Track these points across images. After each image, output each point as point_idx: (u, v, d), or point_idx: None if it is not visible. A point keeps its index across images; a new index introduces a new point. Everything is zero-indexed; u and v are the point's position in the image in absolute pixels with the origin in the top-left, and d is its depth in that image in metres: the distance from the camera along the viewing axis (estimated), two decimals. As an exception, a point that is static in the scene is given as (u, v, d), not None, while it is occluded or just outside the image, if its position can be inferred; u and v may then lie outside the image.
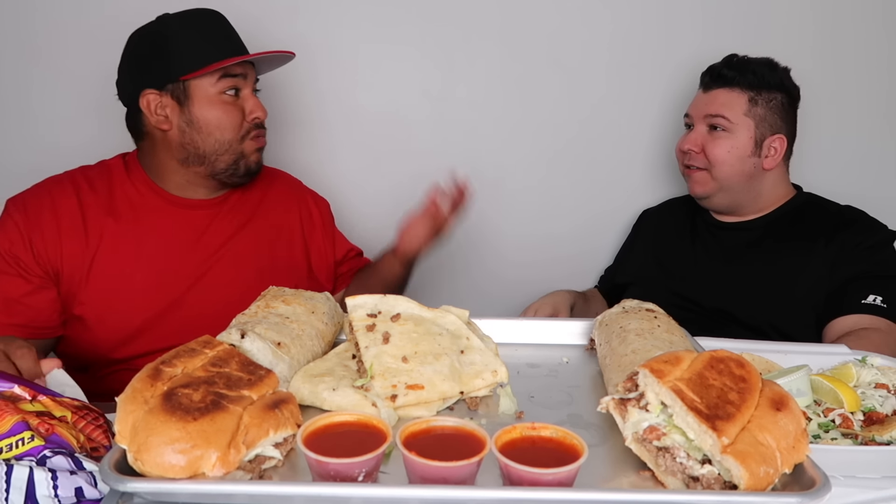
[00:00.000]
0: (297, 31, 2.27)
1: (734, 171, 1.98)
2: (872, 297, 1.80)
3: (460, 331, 1.24)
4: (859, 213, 2.00)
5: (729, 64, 2.02)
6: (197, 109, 1.68)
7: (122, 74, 1.74)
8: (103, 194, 1.72)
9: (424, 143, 2.41)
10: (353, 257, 2.05)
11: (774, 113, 1.99)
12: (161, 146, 1.73)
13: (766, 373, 1.27)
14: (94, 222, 1.68)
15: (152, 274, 1.69)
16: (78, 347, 1.71)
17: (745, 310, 1.95)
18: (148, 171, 1.77)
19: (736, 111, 1.98)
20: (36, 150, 2.27)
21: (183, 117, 1.68)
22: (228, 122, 1.70)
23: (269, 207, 1.89)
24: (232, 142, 1.71)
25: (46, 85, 2.25)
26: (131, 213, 1.72)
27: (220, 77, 1.68)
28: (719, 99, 2.00)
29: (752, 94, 1.98)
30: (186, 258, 1.73)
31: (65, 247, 1.65)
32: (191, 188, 1.77)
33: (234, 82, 1.70)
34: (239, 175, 1.76)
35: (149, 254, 1.70)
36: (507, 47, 2.36)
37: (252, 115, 1.73)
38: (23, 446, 1.00)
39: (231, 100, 1.70)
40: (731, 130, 1.98)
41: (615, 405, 1.00)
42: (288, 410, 0.98)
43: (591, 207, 2.47)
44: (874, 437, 1.15)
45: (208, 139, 1.70)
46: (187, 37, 1.68)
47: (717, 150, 1.98)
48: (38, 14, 2.22)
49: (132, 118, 1.75)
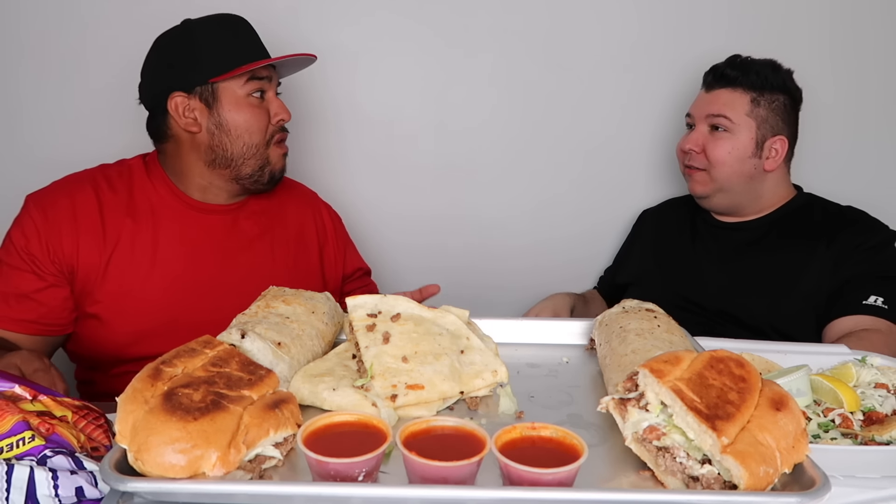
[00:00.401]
0: (299, 37, 2.27)
1: (734, 171, 1.98)
2: (873, 298, 1.80)
3: (460, 331, 1.24)
4: (860, 213, 2.00)
5: (732, 64, 2.01)
6: (225, 112, 1.70)
7: (146, 77, 1.74)
8: (123, 194, 1.73)
9: (426, 147, 2.41)
10: (360, 276, 2.06)
11: (776, 114, 1.99)
12: (188, 148, 1.73)
13: (766, 373, 1.27)
14: (113, 222, 1.69)
15: (168, 276, 1.70)
16: (91, 345, 1.72)
17: (746, 310, 1.95)
18: (170, 173, 1.77)
19: (738, 111, 1.97)
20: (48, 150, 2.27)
21: (212, 119, 1.70)
22: (256, 124, 1.72)
23: (288, 216, 1.90)
24: (259, 145, 1.73)
25: (53, 87, 2.26)
26: (150, 215, 1.73)
27: (247, 80, 1.70)
28: (721, 98, 2.00)
29: (754, 94, 1.98)
30: (203, 262, 1.74)
31: (82, 245, 1.66)
32: (212, 192, 1.78)
33: (261, 85, 1.72)
34: (263, 182, 1.78)
35: (166, 256, 1.71)
36: (507, 50, 2.36)
37: (277, 116, 1.75)
38: (23, 446, 1.00)
39: (257, 102, 1.73)
40: (732, 131, 1.97)
41: (615, 405, 1.00)
42: (288, 410, 0.98)
43: (591, 208, 2.47)
44: (874, 437, 1.15)
45: (237, 142, 1.71)
46: (216, 40, 1.70)
47: (717, 150, 1.98)
48: (45, 18, 2.23)
49: (156, 121, 1.75)
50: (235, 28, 1.74)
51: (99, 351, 1.71)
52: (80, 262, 1.65)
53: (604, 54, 2.37)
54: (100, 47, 2.22)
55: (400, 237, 2.45)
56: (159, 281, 1.69)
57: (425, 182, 2.44)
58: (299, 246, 1.90)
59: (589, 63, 2.37)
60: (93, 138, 2.22)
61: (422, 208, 2.45)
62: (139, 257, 1.68)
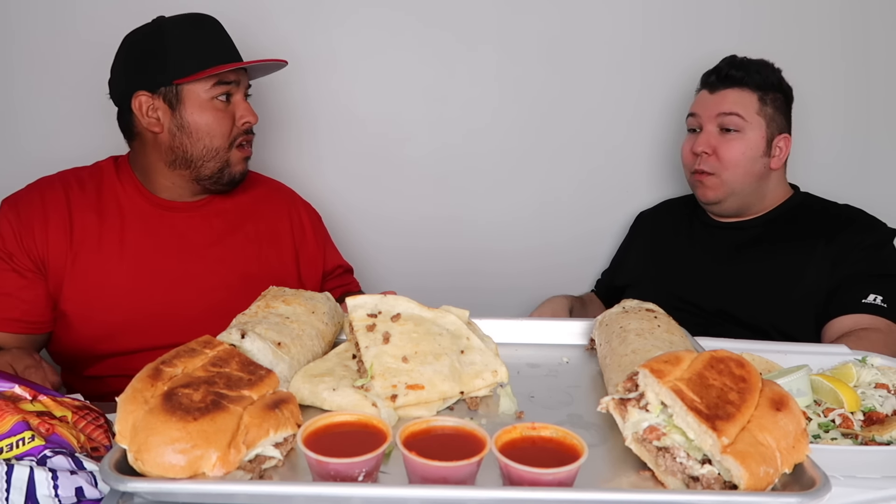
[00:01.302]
0: (288, 34, 2.28)
1: (746, 172, 1.97)
2: (873, 297, 1.80)
3: (460, 331, 1.24)
4: (858, 211, 2.00)
5: (734, 64, 2.01)
6: (188, 114, 1.70)
7: (115, 74, 1.75)
8: (91, 193, 1.75)
9: (420, 148, 2.41)
10: (340, 273, 2.05)
11: (780, 112, 2.00)
12: (150, 148, 1.75)
13: (766, 373, 1.27)
14: (80, 219, 1.72)
15: (134, 274, 1.72)
16: (64, 344, 1.75)
17: (745, 310, 1.94)
18: (137, 172, 1.80)
19: (749, 110, 1.97)
20: (28, 153, 2.27)
21: (174, 121, 1.70)
22: (219, 127, 1.72)
23: (257, 214, 1.90)
24: (220, 148, 1.74)
25: (36, 88, 2.26)
26: (117, 214, 1.75)
27: (214, 83, 1.70)
28: (730, 98, 1.99)
29: (760, 93, 1.98)
30: (168, 260, 1.75)
31: (51, 239, 1.69)
32: (176, 191, 1.79)
33: (227, 88, 1.72)
34: (222, 183, 1.78)
35: (131, 254, 1.73)
36: (507, 51, 2.35)
37: (243, 119, 1.75)
38: (23, 446, 1.00)
39: (222, 105, 1.72)
40: (744, 130, 1.96)
41: (615, 405, 1.00)
42: (288, 410, 0.98)
43: (590, 211, 2.47)
44: (874, 437, 1.15)
45: (197, 144, 1.72)
46: (183, 41, 1.69)
47: (731, 151, 1.96)
48: (29, 17, 2.22)
49: (123, 118, 1.77)
50: (204, 29, 1.74)
51: (71, 348, 1.75)
52: (50, 255, 1.69)
53: (601, 57, 2.36)
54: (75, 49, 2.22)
55: (396, 241, 2.45)
56: (124, 277, 1.71)
57: (423, 185, 2.43)
58: (272, 243, 1.89)
59: (586, 66, 2.37)
60: (70, 144, 2.22)
61: (418, 212, 2.44)
62: (105, 254, 1.71)
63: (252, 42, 2.25)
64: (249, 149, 1.81)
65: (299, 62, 2.31)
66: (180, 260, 1.76)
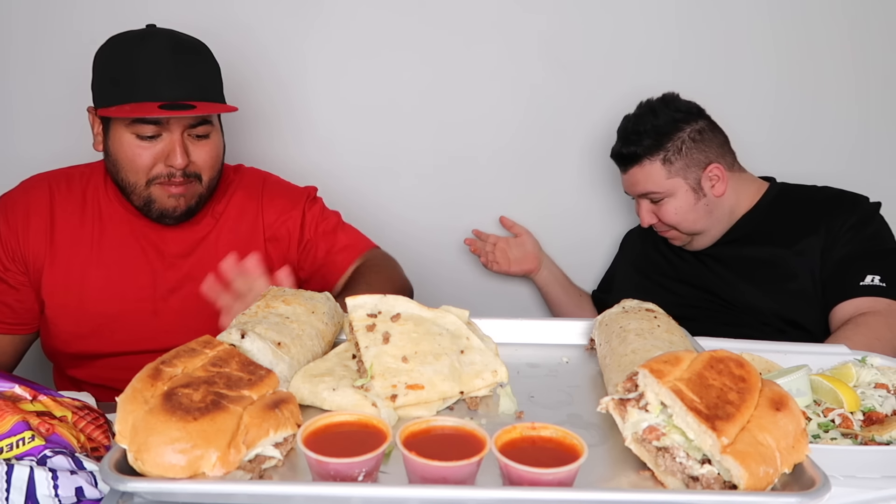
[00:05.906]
0: (288, 34, 2.28)
1: (694, 219, 1.99)
2: (870, 278, 1.77)
3: (460, 331, 1.24)
4: (837, 191, 1.98)
5: (626, 139, 2.00)
6: (111, 142, 1.64)
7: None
8: (77, 194, 1.75)
9: (417, 143, 2.41)
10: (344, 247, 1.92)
11: (692, 151, 1.96)
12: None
13: (765, 373, 1.27)
14: (61, 220, 1.72)
15: (106, 279, 1.72)
16: (44, 341, 1.79)
17: (745, 310, 1.94)
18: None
19: (658, 181, 1.97)
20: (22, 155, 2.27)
21: (106, 144, 1.67)
22: (131, 165, 1.61)
23: (230, 221, 1.82)
24: (136, 184, 1.64)
25: (33, 89, 2.26)
26: (97, 218, 1.74)
27: (131, 121, 1.58)
28: (637, 177, 2.01)
29: (662, 154, 1.95)
30: (142, 268, 1.74)
31: (31, 236, 1.71)
32: None
33: (150, 129, 1.58)
34: (153, 217, 1.68)
35: (106, 259, 1.73)
36: (507, 51, 2.36)
37: (168, 161, 1.60)
38: (23, 446, 1.00)
39: (147, 144, 1.59)
40: (666, 195, 1.98)
41: (615, 405, 1.00)
42: (288, 410, 0.98)
43: (591, 212, 2.47)
44: (874, 437, 1.15)
45: (119, 174, 1.65)
46: (108, 71, 1.61)
47: (667, 215, 2.01)
48: (23, 18, 2.23)
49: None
50: (141, 59, 1.57)
51: (50, 347, 1.78)
52: (30, 253, 1.70)
53: (599, 58, 2.36)
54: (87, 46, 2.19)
55: (395, 240, 2.42)
56: (97, 282, 1.71)
57: (423, 182, 2.44)
58: (244, 249, 1.69)
59: (585, 67, 2.37)
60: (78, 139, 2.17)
61: (417, 211, 2.44)
62: (80, 257, 1.72)
63: (252, 42, 2.25)
64: (181, 188, 1.64)
65: (299, 61, 2.31)
66: (157, 267, 1.75)
